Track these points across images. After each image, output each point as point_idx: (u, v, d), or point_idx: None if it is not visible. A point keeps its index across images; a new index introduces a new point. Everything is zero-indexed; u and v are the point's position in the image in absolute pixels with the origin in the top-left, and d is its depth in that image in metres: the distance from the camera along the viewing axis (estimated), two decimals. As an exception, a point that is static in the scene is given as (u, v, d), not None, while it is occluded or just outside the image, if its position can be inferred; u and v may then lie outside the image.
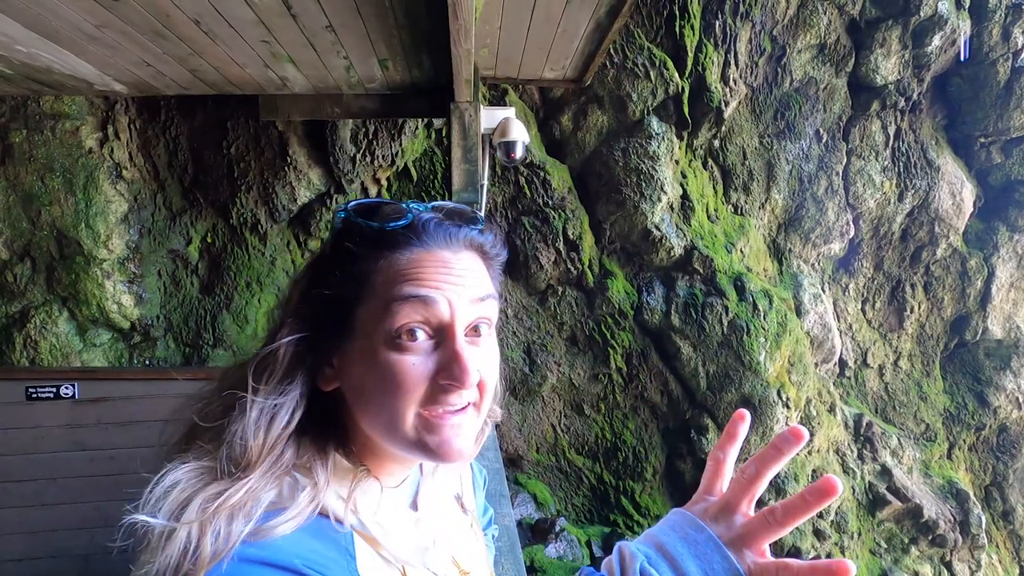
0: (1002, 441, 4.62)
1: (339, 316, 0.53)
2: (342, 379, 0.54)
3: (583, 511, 4.17)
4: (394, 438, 0.52)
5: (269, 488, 0.49)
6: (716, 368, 3.97)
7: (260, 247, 3.78)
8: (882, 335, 4.65)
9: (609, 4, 2.50)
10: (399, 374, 0.50)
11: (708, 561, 0.46)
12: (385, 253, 0.52)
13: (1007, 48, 4.14)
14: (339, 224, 0.55)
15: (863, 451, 4.44)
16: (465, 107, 2.95)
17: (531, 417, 4.13)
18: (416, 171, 3.94)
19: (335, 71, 2.91)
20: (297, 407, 0.52)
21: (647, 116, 3.95)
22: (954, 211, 4.41)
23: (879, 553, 4.39)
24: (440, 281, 0.52)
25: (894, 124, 4.38)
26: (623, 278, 4.13)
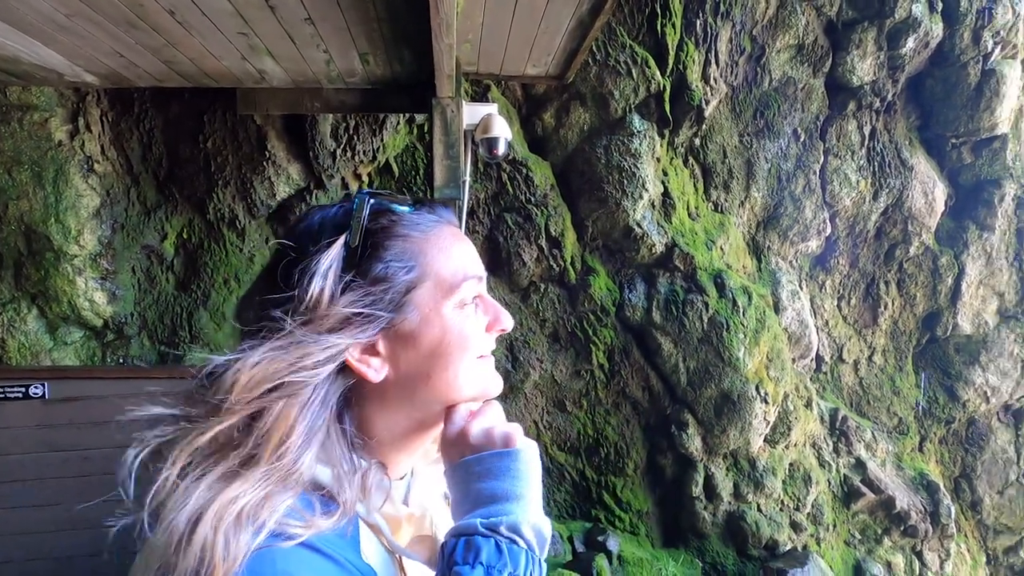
0: (970, 434, 4.76)
1: (393, 299, 0.54)
2: (394, 362, 0.55)
3: (565, 507, 4.19)
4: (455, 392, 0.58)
5: (286, 494, 0.48)
6: (696, 364, 4.01)
7: (238, 243, 3.72)
8: (857, 331, 4.75)
9: (591, 1, 2.50)
10: (469, 329, 0.58)
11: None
12: (426, 233, 0.58)
13: (977, 51, 4.25)
14: (370, 211, 0.56)
15: (838, 445, 4.54)
16: (447, 103, 2.94)
17: (513, 414, 4.14)
18: (398, 167, 3.90)
19: (315, 65, 2.87)
20: (331, 407, 0.53)
21: (629, 114, 3.96)
22: (926, 210, 4.51)
23: (853, 544, 4.49)
24: (476, 255, 0.62)
25: (869, 124, 4.47)
26: (605, 275, 4.16)
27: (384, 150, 3.77)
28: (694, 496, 4.08)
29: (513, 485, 0.53)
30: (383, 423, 0.57)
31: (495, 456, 0.55)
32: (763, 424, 4.05)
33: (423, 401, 0.58)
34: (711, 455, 4.09)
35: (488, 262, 4.07)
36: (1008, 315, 4.69)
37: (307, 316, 0.52)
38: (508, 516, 0.51)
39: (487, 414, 0.59)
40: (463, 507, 0.54)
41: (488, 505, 0.52)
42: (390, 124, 3.70)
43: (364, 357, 0.55)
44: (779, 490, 4.19)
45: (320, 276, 0.53)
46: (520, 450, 0.55)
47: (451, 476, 0.57)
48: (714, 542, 4.13)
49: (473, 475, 0.55)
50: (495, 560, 0.49)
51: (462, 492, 0.55)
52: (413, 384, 0.56)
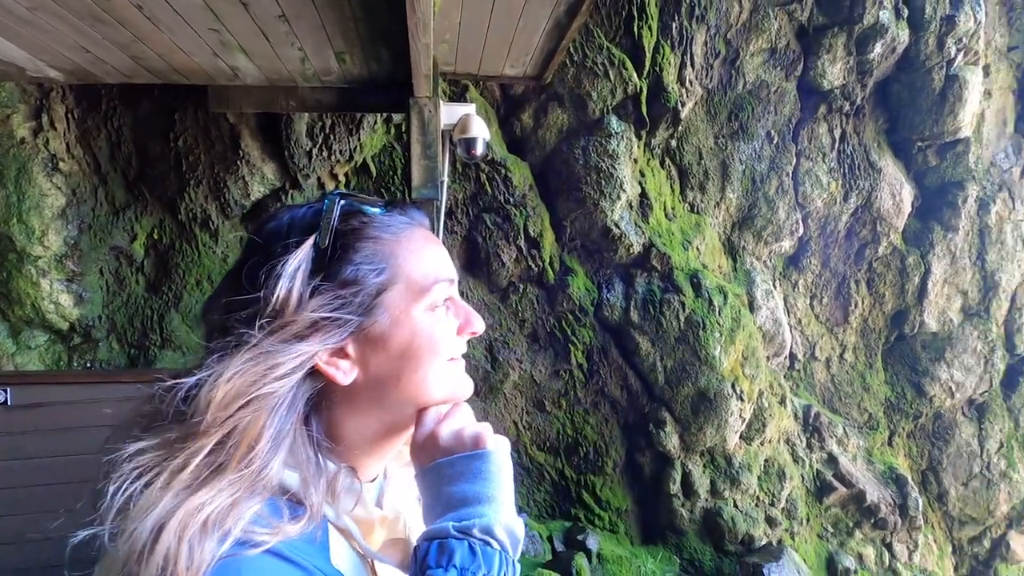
0: (937, 428, 4.91)
1: (363, 301, 0.54)
2: (363, 365, 0.55)
3: (545, 507, 4.20)
4: (424, 395, 0.58)
5: (254, 500, 0.47)
6: (673, 363, 4.06)
7: (211, 244, 3.65)
8: (829, 329, 4.86)
9: (568, 2, 2.52)
10: (439, 332, 0.58)
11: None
12: (398, 235, 0.57)
13: (941, 57, 4.38)
14: (340, 212, 0.55)
15: (811, 440, 4.63)
16: (425, 103, 2.92)
17: (493, 415, 4.13)
18: (375, 167, 3.87)
19: (289, 63, 2.82)
20: (298, 411, 0.52)
21: (607, 115, 4.00)
22: (894, 211, 4.64)
23: (826, 537, 4.60)
24: (448, 257, 0.62)
25: (840, 127, 4.58)
26: (583, 275, 4.18)
27: (361, 150, 3.73)
28: (672, 493, 4.13)
29: (485, 487, 0.53)
30: (352, 426, 0.56)
31: (466, 458, 0.55)
32: (739, 421, 4.11)
33: (393, 404, 0.57)
34: (688, 453, 4.15)
35: (467, 263, 4.06)
36: (971, 313, 4.85)
37: (275, 321, 0.51)
38: (481, 518, 0.51)
39: (456, 416, 0.59)
40: (435, 510, 0.54)
41: (460, 508, 0.52)
42: (367, 124, 3.67)
43: (333, 360, 0.54)
44: (755, 486, 4.27)
45: (287, 278, 0.52)
46: (491, 451, 0.55)
47: (422, 479, 0.57)
48: (692, 538, 4.18)
49: (444, 478, 0.54)
50: (469, 563, 0.49)
51: (433, 495, 0.55)
52: (383, 387, 0.56)
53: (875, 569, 4.62)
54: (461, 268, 4.06)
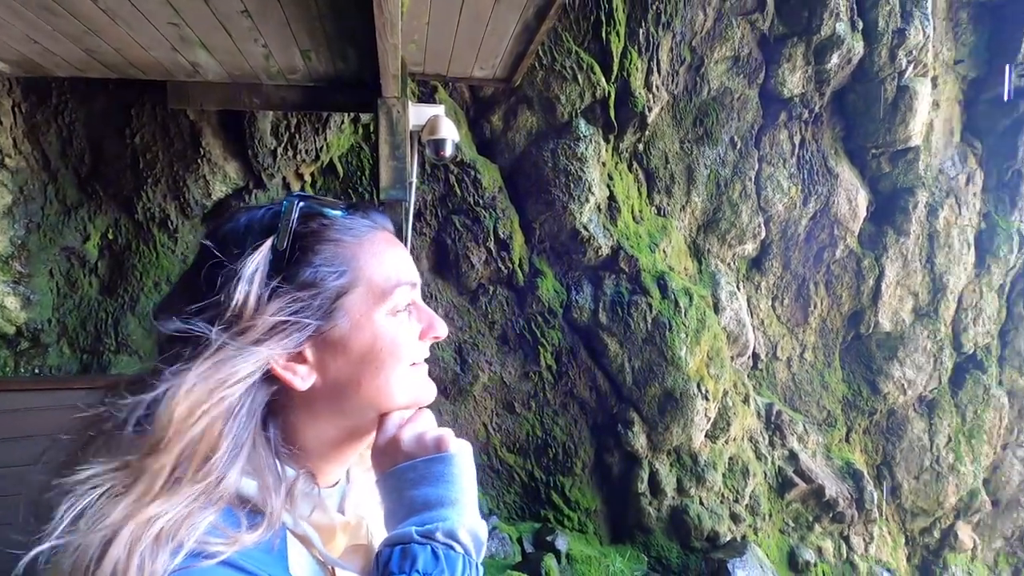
0: (890, 424, 5.11)
1: (322, 305, 0.52)
2: (322, 369, 0.54)
3: (515, 508, 4.20)
4: (386, 400, 0.57)
5: (209, 510, 0.46)
6: (641, 364, 4.12)
7: (170, 244, 3.53)
8: (789, 329, 5.01)
9: (536, 6, 2.53)
10: (401, 337, 0.57)
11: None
12: (359, 238, 0.56)
13: (893, 68, 4.57)
14: (299, 214, 0.54)
15: (773, 438, 4.77)
16: (393, 103, 2.89)
17: (463, 417, 4.12)
18: (342, 167, 3.81)
19: (253, 59, 2.76)
20: (256, 416, 0.51)
21: (575, 118, 4.03)
22: (850, 215, 4.82)
23: (787, 532, 4.73)
24: (411, 261, 0.61)
25: (799, 134, 4.73)
26: (553, 277, 4.20)
27: (328, 150, 3.67)
28: (640, 492, 4.19)
29: (448, 490, 0.53)
30: (311, 431, 0.55)
31: (428, 462, 0.54)
32: (704, 420, 4.20)
33: (353, 409, 0.56)
34: (656, 452, 4.21)
35: (436, 264, 4.04)
36: (922, 313, 5.07)
37: (233, 326, 0.50)
38: (444, 522, 0.51)
39: (419, 421, 0.58)
40: (397, 515, 0.53)
41: (423, 512, 0.52)
42: (334, 123, 3.61)
43: (290, 365, 0.53)
44: (719, 483, 4.36)
45: (245, 281, 0.50)
46: (453, 454, 0.55)
47: (383, 484, 0.56)
48: (659, 536, 4.24)
49: (406, 482, 0.54)
50: (432, 567, 0.48)
51: (395, 500, 0.54)
52: (342, 392, 0.55)
53: (833, 561, 4.78)
54: (430, 270, 4.03)
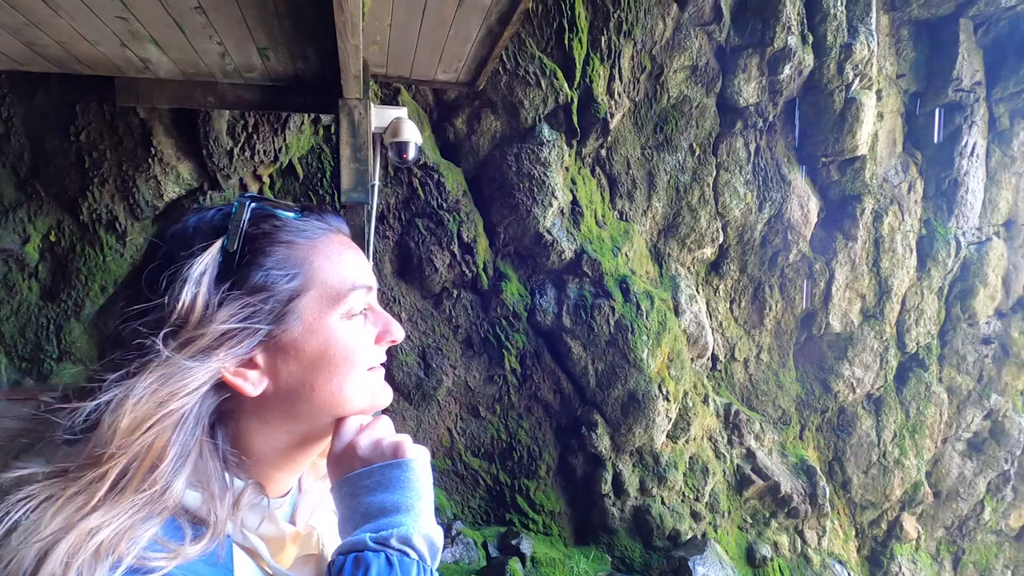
0: (841, 421, 5.32)
1: (274, 308, 0.51)
2: (273, 374, 0.52)
3: (480, 513, 4.18)
4: (342, 405, 0.56)
5: (152, 522, 0.44)
6: (604, 366, 4.17)
7: (118, 247, 3.38)
8: (746, 331, 5.16)
9: (499, 11, 2.54)
10: (357, 340, 0.56)
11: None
12: (313, 240, 0.55)
13: (841, 81, 4.79)
14: (251, 215, 0.53)
15: (732, 437, 4.90)
16: (354, 104, 2.85)
17: (426, 422, 4.08)
18: (302, 169, 3.73)
19: (207, 56, 2.68)
20: (203, 424, 0.49)
21: (539, 123, 4.06)
22: (802, 221, 5.01)
23: (745, 528, 4.86)
24: (367, 264, 0.60)
25: (755, 142, 4.89)
26: (517, 281, 4.22)
27: (287, 151, 3.59)
28: (603, 493, 4.23)
29: (404, 496, 0.52)
30: (262, 438, 0.54)
31: (384, 468, 0.53)
32: (666, 421, 4.28)
33: (307, 414, 0.55)
34: (619, 453, 4.27)
35: (399, 268, 4.00)
36: (869, 315, 5.31)
37: (181, 334, 0.48)
38: (399, 528, 0.50)
39: (376, 427, 0.58)
40: (351, 522, 0.53)
41: (378, 518, 0.51)
42: (293, 124, 3.54)
43: (240, 371, 0.51)
44: (680, 482, 4.45)
45: (193, 283, 0.49)
46: (410, 460, 0.54)
47: (338, 492, 0.55)
48: (622, 537, 4.30)
49: (362, 488, 0.53)
50: (385, 574, 0.48)
51: (350, 507, 0.53)
52: (295, 397, 0.54)
53: (789, 555, 4.94)
54: (393, 274, 3.99)
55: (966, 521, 5.72)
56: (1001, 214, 5.50)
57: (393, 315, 3.91)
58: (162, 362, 0.47)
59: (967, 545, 5.81)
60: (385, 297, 3.96)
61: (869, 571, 5.41)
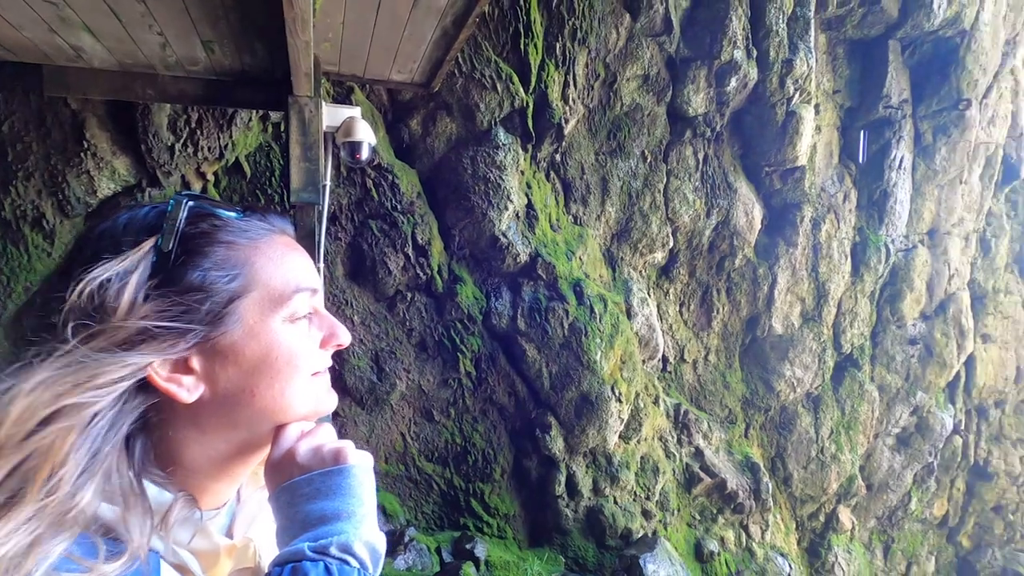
0: (782, 419, 5.57)
1: (212, 310, 0.49)
2: (211, 379, 0.50)
3: (433, 518, 4.14)
4: (284, 411, 0.54)
5: (61, 537, 0.41)
6: (558, 368, 4.22)
7: (45, 246, 3.17)
8: (695, 333, 5.33)
9: (455, 14, 2.54)
10: (300, 345, 0.55)
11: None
12: (255, 241, 0.54)
13: (783, 95, 5.02)
14: (188, 214, 0.50)
15: (681, 436, 5.04)
16: (305, 102, 2.78)
17: (379, 427, 4.01)
18: (250, 167, 3.61)
19: (147, 47, 2.55)
20: (121, 431, 0.46)
21: (494, 127, 4.08)
22: (747, 227, 5.22)
23: (694, 525, 5.01)
24: (312, 266, 0.58)
25: (703, 150, 5.06)
26: (472, 283, 4.21)
27: (233, 148, 3.46)
28: (557, 495, 4.27)
29: (344, 503, 0.51)
30: (197, 447, 0.52)
31: (324, 474, 0.52)
32: (618, 422, 4.36)
33: (246, 421, 0.53)
34: (572, 454, 4.32)
35: (351, 270, 3.92)
36: (808, 317, 5.58)
37: (94, 326, 0.45)
38: (339, 535, 0.49)
39: (317, 433, 0.56)
40: (289, 532, 0.51)
41: (317, 527, 0.50)
42: (240, 120, 3.42)
43: (174, 375, 0.49)
44: (632, 482, 4.54)
45: (117, 279, 0.46)
46: (351, 466, 0.53)
47: (276, 500, 0.53)
48: (576, 537, 4.35)
49: (301, 496, 0.52)
50: None
51: (288, 516, 0.52)
52: (234, 403, 0.52)
53: (735, 550, 5.12)
54: (345, 276, 3.90)
55: (895, 511, 6.09)
56: (925, 223, 5.89)
57: (345, 318, 3.81)
58: (68, 352, 0.44)
59: (896, 534, 6.18)
60: (337, 300, 3.87)
61: (808, 562, 5.68)
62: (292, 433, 0.55)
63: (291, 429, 0.55)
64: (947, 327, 5.95)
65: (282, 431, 0.55)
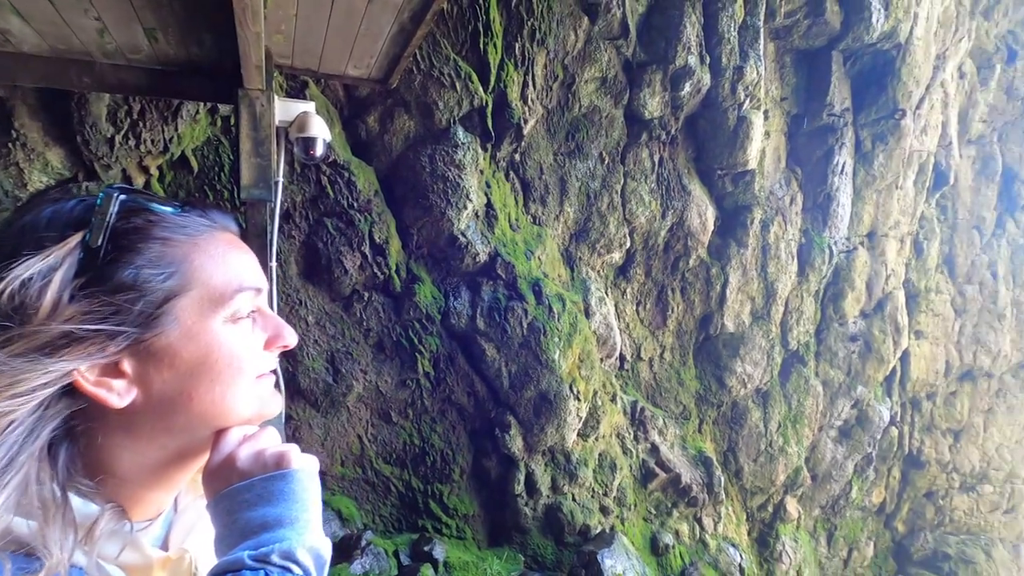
0: (734, 414, 5.76)
1: (145, 310, 0.46)
2: (144, 383, 0.47)
3: (391, 521, 4.09)
4: (225, 415, 0.52)
5: None
6: (517, 368, 4.23)
7: (-31, 243, 2.96)
8: (651, 332, 5.45)
9: (412, 10, 2.51)
10: (243, 346, 0.53)
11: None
12: (194, 238, 0.51)
13: (734, 100, 5.19)
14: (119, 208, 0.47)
15: (638, 433, 5.14)
16: (256, 95, 2.69)
17: (335, 429, 3.92)
18: (197, 162, 3.47)
19: (83, 33, 2.41)
20: (40, 440, 0.43)
21: (453, 125, 4.05)
22: (701, 228, 5.37)
23: (650, 519, 5.12)
24: (256, 265, 0.56)
25: (659, 153, 5.18)
26: (431, 283, 4.17)
27: (179, 141, 3.32)
28: (516, 494, 4.29)
29: (287, 509, 0.49)
30: (130, 455, 0.49)
31: (266, 480, 0.50)
32: (576, 420, 4.41)
33: (183, 427, 0.51)
34: (531, 453, 4.34)
35: (305, 269, 3.82)
36: (758, 316, 5.79)
37: (18, 330, 0.42)
38: (281, 543, 0.47)
39: (260, 438, 0.54)
40: (228, 541, 0.49)
41: (259, 534, 0.48)
42: (187, 112, 3.28)
43: (103, 379, 0.46)
44: (590, 479, 4.61)
45: (39, 277, 0.43)
46: (295, 471, 0.52)
47: (215, 508, 0.51)
48: (535, 536, 4.37)
49: (241, 503, 0.50)
50: None
51: (227, 525, 0.50)
52: (171, 408, 0.49)
53: (689, 542, 5.26)
54: (299, 275, 3.80)
55: (837, 500, 6.39)
56: (865, 226, 6.21)
57: (299, 318, 3.69)
58: None
59: (839, 521, 6.49)
60: (291, 299, 3.76)
61: (758, 551, 5.90)
62: (233, 438, 0.53)
63: (232, 433, 0.53)
64: (884, 324, 6.29)
65: (222, 436, 0.53)
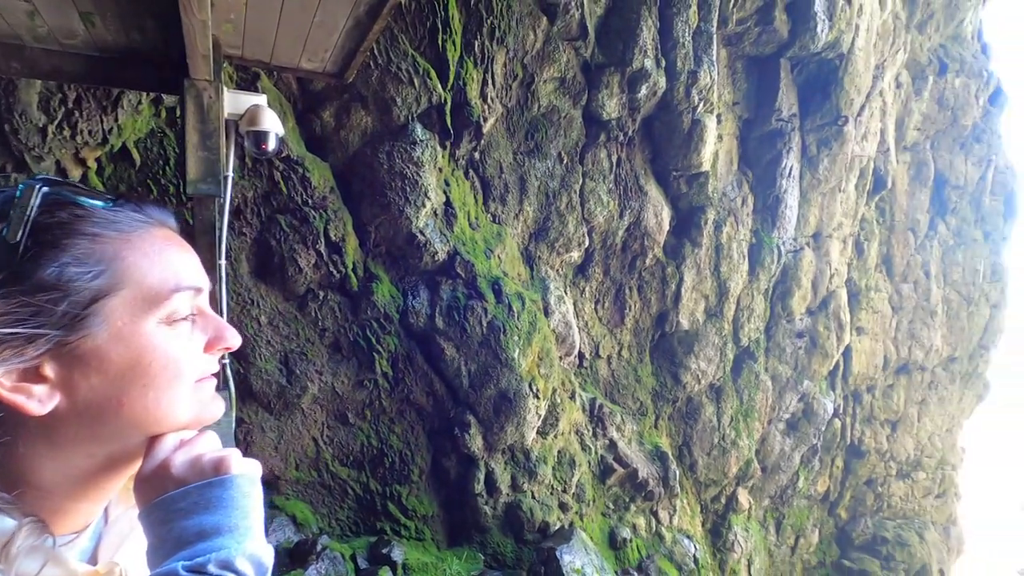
0: (688, 409, 5.92)
1: (70, 311, 0.44)
2: (68, 389, 0.45)
3: (348, 524, 4.01)
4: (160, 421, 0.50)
5: None
6: (477, 367, 4.22)
7: None
8: (609, 330, 5.53)
9: (369, 3, 2.46)
10: (180, 349, 0.51)
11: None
12: (127, 234, 0.49)
13: (689, 104, 5.33)
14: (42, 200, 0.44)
15: (596, 429, 5.22)
16: (204, 86, 2.58)
17: (289, 432, 3.82)
18: (139, 154, 3.31)
19: (11, 15, 2.26)
20: None
21: (412, 122, 4.00)
22: (657, 228, 5.49)
23: (608, 514, 5.20)
24: (196, 263, 0.54)
25: (616, 154, 5.26)
26: (388, 282, 4.11)
27: (120, 132, 3.15)
28: (476, 493, 4.28)
29: (225, 516, 0.48)
30: (53, 464, 0.46)
31: (203, 487, 0.48)
32: (536, 418, 4.44)
33: (114, 434, 0.48)
34: (491, 452, 4.34)
35: (257, 267, 3.70)
36: (712, 313, 5.96)
37: None
38: (219, 552, 0.45)
39: (197, 443, 0.52)
40: (162, 552, 0.47)
41: (194, 544, 0.46)
42: (128, 102, 3.12)
43: (22, 385, 0.43)
44: (550, 476, 4.64)
45: None
46: (235, 476, 0.50)
47: (147, 518, 0.49)
48: (495, 534, 4.37)
49: (176, 512, 0.47)
50: None
51: (161, 535, 0.47)
52: (98, 414, 0.46)
53: (645, 535, 5.38)
54: (251, 273, 3.68)
55: (785, 490, 6.66)
56: (811, 227, 6.48)
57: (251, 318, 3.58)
58: None
59: (786, 510, 6.77)
60: (242, 299, 3.63)
61: (712, 542, 6.08)
62: (168, 443, 0.51)
63: (167, 439, 0.51)
64: (828, 321, 6.59)
65: (157, 442, 0.50)
